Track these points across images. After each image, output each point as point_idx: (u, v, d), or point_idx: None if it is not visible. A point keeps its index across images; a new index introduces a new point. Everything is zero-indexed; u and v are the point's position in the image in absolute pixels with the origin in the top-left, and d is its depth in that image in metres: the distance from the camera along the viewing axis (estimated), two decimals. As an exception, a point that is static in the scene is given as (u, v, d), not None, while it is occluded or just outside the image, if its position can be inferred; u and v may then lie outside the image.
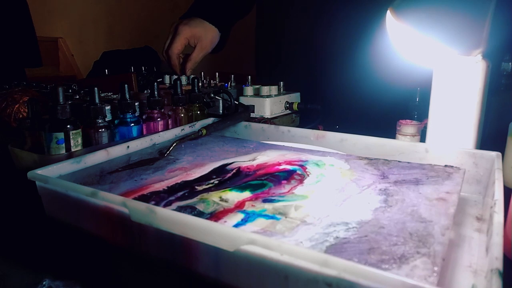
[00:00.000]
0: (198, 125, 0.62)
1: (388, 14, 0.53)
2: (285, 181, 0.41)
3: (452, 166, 0.43)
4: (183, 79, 0.88)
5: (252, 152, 0.51)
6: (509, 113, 0.54)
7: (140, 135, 0.59)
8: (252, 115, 0.75)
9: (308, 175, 0.43)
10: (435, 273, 0.25)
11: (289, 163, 0.46)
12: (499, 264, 0.24)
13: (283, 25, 0.98)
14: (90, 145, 0.54)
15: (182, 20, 0.89)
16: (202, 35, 0.89)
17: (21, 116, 0.75)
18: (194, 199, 0.37)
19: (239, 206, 0.35)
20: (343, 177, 0.42)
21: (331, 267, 0.24)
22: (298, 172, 0.43)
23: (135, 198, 0.36)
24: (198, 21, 0.89)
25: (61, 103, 0.50)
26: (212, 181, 0.41)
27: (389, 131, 0.64)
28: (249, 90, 0.80)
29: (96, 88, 0.54)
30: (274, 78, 0.83)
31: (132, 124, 0.59)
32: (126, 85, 0.58)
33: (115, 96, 0.78)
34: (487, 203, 0.40)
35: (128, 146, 0.51)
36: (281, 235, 0.30)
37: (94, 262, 0.36)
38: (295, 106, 0.79)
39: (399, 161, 0.46)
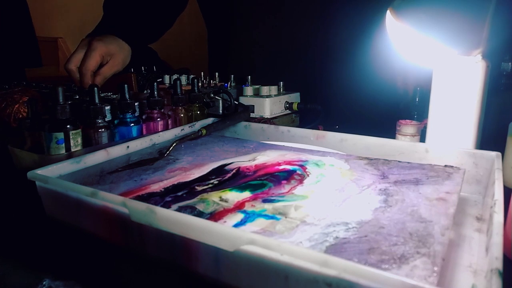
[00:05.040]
0: (198, 125, 0.62)
1: (388, 14, 0.53)
2: (285, 181, 0.41)
3: (452, 166, 0.43)
4: (183, 79, 0.88)
5: (252, 152, 0.51)
6: (509, 113, 0.54)
7: (140, 135, 0.59)
8: (252, 115, 0.75)
9: (308, 175, 0.43)
10: (435, 273, 0.25)
11: (289, 163, 0.46)
12: (499, 264, 0.24)
13: (284, 25, 0.98)
14: (90, 145, 0.54)
15: (94, 37, 0.85)
16: (116, 53, 0.86)
17: (21, 116, 0.74)
18: (194, 199, 0.37)
19: (239, 206, 0.35)
20: (343, 177, 0.42)
21: (331, 267, 0.24)
22: (298, 172, 0.43)
23: (134, 198, 0.36)
24: (112, 38, 0.86)
25: (61, 103, 0.50)
26: (211, 181, 0.41)
27: (389, 131, 0.64)
28: (249, 90, 0.80)
29: (96, 88, 0.54)
30: (273, 78, 0.83)
31: (132, 124, 0.59)
32: (126, 85, 0.58)
33: (115, 96, 0.78)
34: (487, 203, 0.40)
35: (128, 146, 0.51)
36: (281, 235, 0.30)
37: (94, 262, 0.36)
38: (295, 106, 0.79)
39: (399, 161, 0.46)
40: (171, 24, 1.08)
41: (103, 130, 0.55)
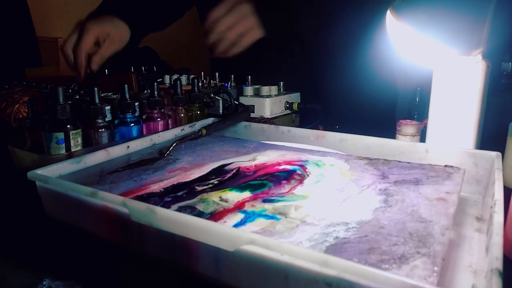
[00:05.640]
0: (198, 125, 0.62)
1: (388, 14, 0.53)
2: (285, 181, 0.41)
3: (452, 166, 0.43)
4: (183, 79, 0.88)
5: (252, 152, 0.51)
6: (509, 113, 0.54)
7: (140, 135, 0.59)
8: (252, 115, 0.75)
9: (308, 175, 0.43)
10: (435, 273, 0.25)
11: (289, 163, 0.46)
12: (499, 264, 0.24)
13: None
14: (90, 145, 0.54)
15: (89, 19, 0.83)
16: (112, 31, 0.83)
17: (21, 116, 0.74)
18: (194, 199, 0.37)
19: (239, 206, 0.35)
20: (343, 177, 0.42)
21: (331, 267, 0.24)
22: (298, 172, 0.43)
23: (134, 198, 0.36)
24: (107, 18, 0.84)
25: (61, 103, 0.50)
26: (212, 181, 0.41)
27: (389, 131, 0.64)
28: (249, 90, 0.80)
29: (96, 88, 0.54)
30: (273, 78, 0.83)
31: (132, 124, 0.59)
32: (126, 85, 0.58)
33: (115, 96, 0.78)
34: (487, 203, 0.40)
35: (128, 146, 0.51)
36: (281, 235, 0.30)
37: (94, 262, 0.36)
38: (295, 106, 0.79)
39: (399, 161, 0.46)
40: (179, 16, 1.05)
41: (103, 130, 0.55)
